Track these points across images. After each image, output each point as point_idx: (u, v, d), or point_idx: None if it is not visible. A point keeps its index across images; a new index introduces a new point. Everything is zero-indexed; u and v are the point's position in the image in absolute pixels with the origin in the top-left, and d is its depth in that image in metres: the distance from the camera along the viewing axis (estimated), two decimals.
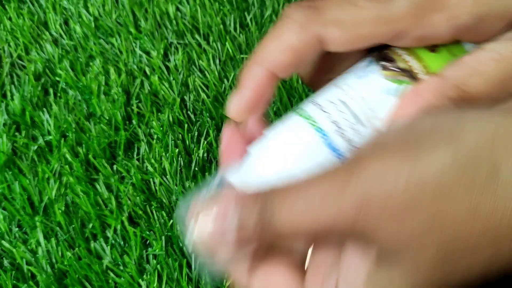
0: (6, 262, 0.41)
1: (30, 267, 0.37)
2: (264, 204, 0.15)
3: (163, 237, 0.39)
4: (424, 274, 0.16)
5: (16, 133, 0.46)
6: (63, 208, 0.41)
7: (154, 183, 0.43)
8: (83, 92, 0.47)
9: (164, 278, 0.38)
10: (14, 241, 0.41)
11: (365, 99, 0.18)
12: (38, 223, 0.41)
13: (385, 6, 0.18)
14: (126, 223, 0.41)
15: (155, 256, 0.39)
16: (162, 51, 0.49)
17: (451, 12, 0.18)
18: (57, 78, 0.49)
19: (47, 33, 0.51)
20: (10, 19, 0.52)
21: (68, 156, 0.44)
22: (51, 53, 0.50)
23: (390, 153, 0.15)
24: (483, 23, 0.18)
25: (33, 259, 0.39)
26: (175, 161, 0.43)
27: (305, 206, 0.15)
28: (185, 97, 0.47)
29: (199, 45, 0.49)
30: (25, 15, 0.52)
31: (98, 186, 0.42)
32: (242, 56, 0.47)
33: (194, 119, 0.46)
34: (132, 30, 0.50)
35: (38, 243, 0.37)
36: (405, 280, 0.16)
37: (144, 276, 0.38)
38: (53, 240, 0.41)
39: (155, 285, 0.37)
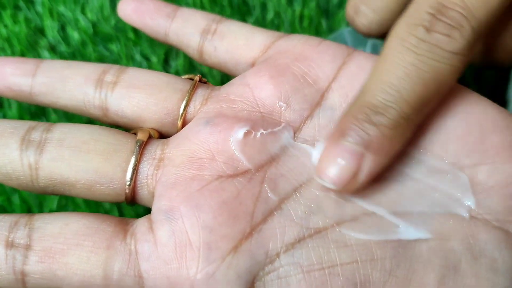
0: None
1: None
2: None
3: None
4: None
5: None
6: None
7: None
8: None
9: None
10: None
11: None
12: None
13: None
14: None
15: None
16: (162, 56, 0.48)
17: None
18: None
19: (44, 39, 0.50)
20: (6, 26, 0.51)
21: None
22: None
23: None
24: None
25: None
26: None
27: None
28: None
29: None
30: (21, 22, 0.51)
31: None
32: None
33: None
34: (131, 35, 0.49)
35: None
36: None
37: None
38: None
39: None
